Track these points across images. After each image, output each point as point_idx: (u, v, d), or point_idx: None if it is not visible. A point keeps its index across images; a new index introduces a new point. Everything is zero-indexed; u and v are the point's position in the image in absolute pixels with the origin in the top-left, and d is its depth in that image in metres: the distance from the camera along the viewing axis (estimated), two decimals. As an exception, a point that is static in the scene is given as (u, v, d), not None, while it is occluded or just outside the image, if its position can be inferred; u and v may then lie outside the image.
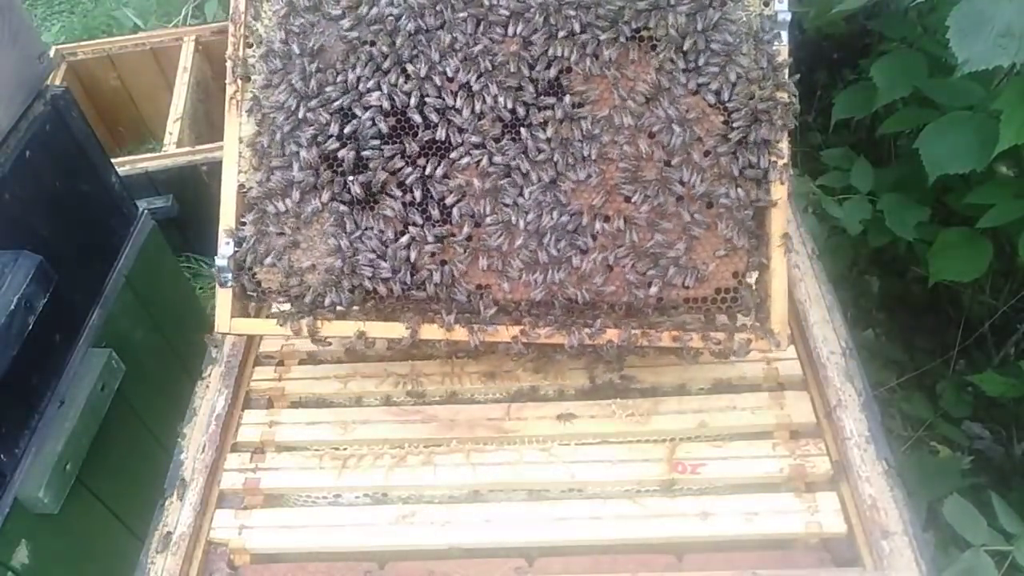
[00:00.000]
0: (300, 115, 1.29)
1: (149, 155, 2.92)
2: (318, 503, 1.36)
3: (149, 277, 1.99)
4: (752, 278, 1.32)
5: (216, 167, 2.77)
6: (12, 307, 1.35)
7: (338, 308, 1.32)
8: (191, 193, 2.76)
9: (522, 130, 1.27)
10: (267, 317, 1.36)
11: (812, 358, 1.42)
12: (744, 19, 1.28)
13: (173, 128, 2.97)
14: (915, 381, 2.34)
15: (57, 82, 3.17)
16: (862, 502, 1.21)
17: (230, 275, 1.32)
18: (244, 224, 1.32)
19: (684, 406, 1.38)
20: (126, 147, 3.62)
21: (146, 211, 2.06)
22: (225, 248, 1.32)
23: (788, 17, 1.26)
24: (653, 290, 1.29)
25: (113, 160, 1.98)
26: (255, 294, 1.34)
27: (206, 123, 3.24)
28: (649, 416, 1.36)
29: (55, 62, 3.30)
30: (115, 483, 1.73)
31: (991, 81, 1.89)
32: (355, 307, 1.33)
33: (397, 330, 1.31)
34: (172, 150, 2.88)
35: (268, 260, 1.31)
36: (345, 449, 1.38)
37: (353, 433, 1.39)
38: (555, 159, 1.27)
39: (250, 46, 1.34)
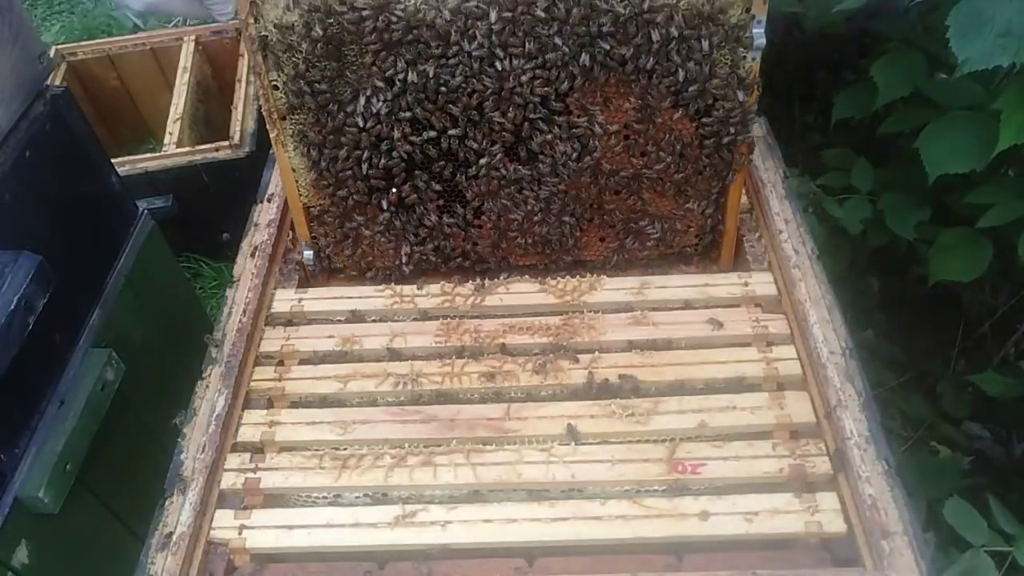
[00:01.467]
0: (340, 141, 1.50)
1: (149, 155, 2.91)
2: (318, 503, 1.36)
3: (149, 277, 1.99)
4: (708, 238, 1.67)
5: (216, 167, 2.81)
6: (12, 307, 1.35)
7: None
8: (191, 193, 2.76)
9: (530, 144, 1.50)
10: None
11: (812, 358, 1.42)
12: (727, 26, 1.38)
13: (173, 128, 2.97)
14: (915, 381, 2.34)
15: (57, 82, 3.18)
16: (862, 502, 1.21)
17: (317, 266, 1.71)
18: (314, 227, 1.65)
19: (684, 406, 1.38)
20: (126, 147, 3.61)
21: (146, 211, 2.05)
22: (307, 252, 1.69)
23: (763, 43, 1.40)
24: (635, 249, 1.67)
25: (113, 160, 1.98)
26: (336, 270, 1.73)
27: (206, 123, 3.24)
28: (649, 416, 1.36)
29: (55, 62, 3.30)
30: (115, 483, 1.73)
31: (991, 81, 1.89)
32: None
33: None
34: (172, 150, 2.87)
35: (344, 252, 1.67)
36: (345, 449, 1.38)
37: (353, 433, 1.39)
38: (558, 167, 1.53)
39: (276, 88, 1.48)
